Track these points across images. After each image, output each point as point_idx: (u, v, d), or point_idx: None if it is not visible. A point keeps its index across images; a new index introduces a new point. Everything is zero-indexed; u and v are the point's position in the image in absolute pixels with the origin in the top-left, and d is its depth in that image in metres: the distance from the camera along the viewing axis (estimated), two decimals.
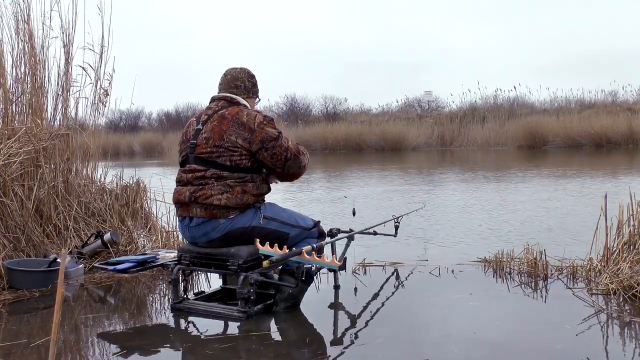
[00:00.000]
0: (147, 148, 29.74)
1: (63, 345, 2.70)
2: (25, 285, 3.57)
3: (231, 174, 3.00)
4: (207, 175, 3.00)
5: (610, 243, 3.57)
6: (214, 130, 3.02)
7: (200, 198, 3.00)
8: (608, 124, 21.24)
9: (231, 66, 3.28)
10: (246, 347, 2.64)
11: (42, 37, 4.52)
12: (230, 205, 2.98)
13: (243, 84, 3.21)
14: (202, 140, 3.04)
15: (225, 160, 2.99)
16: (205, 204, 2.99)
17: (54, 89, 4.62)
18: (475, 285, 3.55)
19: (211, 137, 3.02)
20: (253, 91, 3.26)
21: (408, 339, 2.70)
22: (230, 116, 3.03)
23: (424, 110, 30.94)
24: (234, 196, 2.98)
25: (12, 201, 3.92)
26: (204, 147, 3.03)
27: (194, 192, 3.01)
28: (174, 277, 3.13)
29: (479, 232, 5.39)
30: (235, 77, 3.20)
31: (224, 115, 3.04)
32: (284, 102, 32.22)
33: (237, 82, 3.20)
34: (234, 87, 3.19)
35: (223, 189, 2.98)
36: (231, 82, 3.19)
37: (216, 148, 3.00)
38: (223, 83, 3.22)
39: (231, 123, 3.00)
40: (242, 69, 3.26)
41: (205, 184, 3.00)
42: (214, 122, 3.05)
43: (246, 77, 3.23)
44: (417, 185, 10.17)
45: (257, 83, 3.29)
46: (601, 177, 10.08)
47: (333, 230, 3.62)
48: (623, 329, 2.80)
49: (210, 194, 2.98)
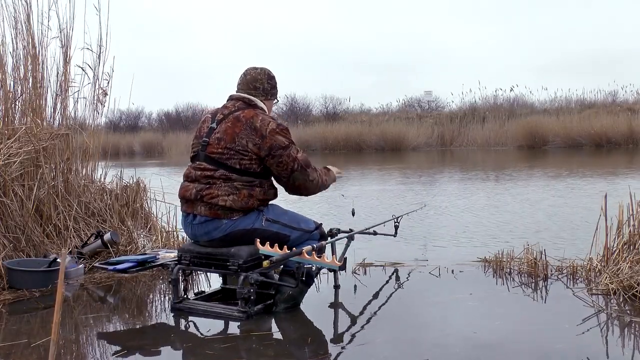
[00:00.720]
0: (147, 148, 29.72)
1: (63, 345, 2.70)
2: (25, 285, 3.57)
3: (240, 177, 2.99)
4: (216, 175, 3.00)
5: (610, 243, 3.57)
6: (227, 131, 3.01)
7: (206, 197, 2.99)
8: (608, 124, 21.23)
9: (252, 66, 3.24)
10: (246, 347, 2.64)
11: (40, 37, 4.52)
12: (235, 208, 2.98)
13: (262, 85, 3.17)
14: (215, 140, 3.03)
15: (235, 163, 2.98)
16: (211, 204, 2.99)
17: (53, 89, 4.62)
18: (475, 286, 3.55)
19: (223, 138, 3.01)
20: (272, 93, 3.23)
21: (408, 339, 2.70)
22: (245, 119, 3.00)
23: (424, 110, 30.92)
24: (240, 199, 2.98)
25: (12, 201, 3.92)
26: (216, 147, 3.02)
27: (201, 189, 3.01)
28: (174, 277, 3.13)
29: (479, 232, 5.39)
30: (255, 78, 3.17)
31: (239, 117, 3.02)
32: (284, 102, 32.13)
33: (256, 84, 3.16)
34: (253, 88, 3.16)
35: (230, 190, 2.97)
36: (250, 83, 3.16)
37: (227, 150, 2.99)
38: (242, 83, 3.18)
39: (244, 126, 2.98)
40: (262, 70, 3.22)
41: (213, 183, 3.00)
42: (228, 123, 3.03)
43: (265, 78, 3.19)
44: (417, 185, 10.17)
45: (276, 84, 3.26)
46: (601, 177, 10.08)
47: (333, 230, 3.61)
48: (623, 329, 2.80)
49: (216, 194, 2.97)
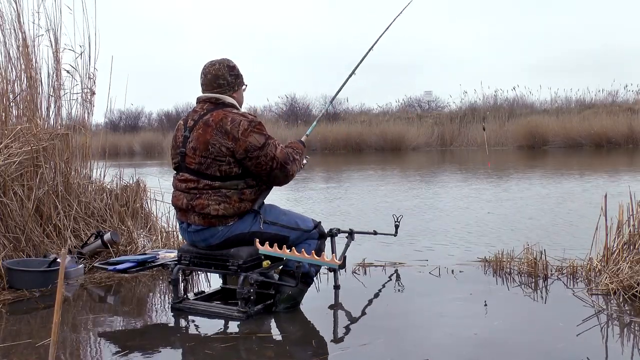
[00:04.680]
0: (147, 148, 29.69)
1: (63, 345, 2.70)
2: (25, 285, 3.56)
3: (223, 183, 2.93)
4: (200, 186, 2.95)
5: (610, 243, 3.57)
6: (199, 139, 2.93)
7: (197, 207, 2.95)
8: (608, 124, 21.23)
9: (209, 61, 3.08)
10: (246, 347, 2.64)
11: (32, 37, 4.51)
12: (228, 215, 2.95)
13: (225, 80, 3.04)
14: (190, 150, 2.96)
15: (215, 171, 2.92)
16: (203, 214, 2.95)
17: (46, 89, 4.62)
18: (475, 286, 3.55)
19: (197, 147, 2.92)
20: (237, 83, 3.09)
21: (408, 339, 2.70)
22: (214, 123, 2.91)
23: (424, 110, 30.92)
24: (231, 206, 2.94)
25: (12, 201, 3.92)
26: (193, 158, 2.95)
27: (191, 199, 2.97)
28: (174, 277, 3.13)
29: (479, 232, 5.39)
30: (216, 75, 3.03)
31: (208, 122, 2.93)
32: (284, 102, 32.16)
33: (219, 81, 3.03)
34: (217, 86, 3.03)
35: (220, 199, 2.92)
36: (213, 82, 3.03)
37: (204, 159, 2.92)
38: (205, 84, 3.05)
39: (215, 131, 2.89)
40: (221, 64, 3.06)
41: (200, 194, 2.95)
42: (199, 129, 2.94)
43: (227, 71, 3.04)
44: (417, 185, 10.16)
45: (238, 72, 3.10)
46: (601, 177, 10.07)
47: (333, 230, 3.60)
48: (623, 329, 2.80)
49: (207, 204, 2.93)
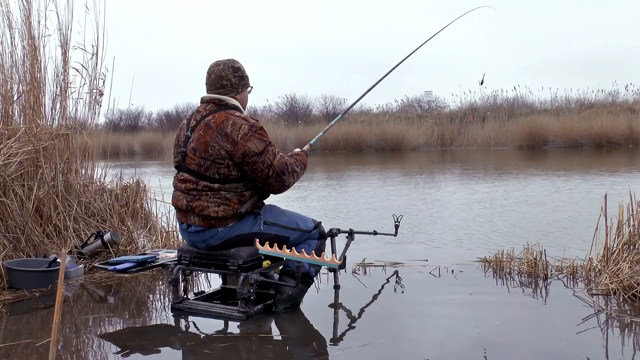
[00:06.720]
0: (147, 148, 29.71)
1: (63, 345, 2.70)
2: (25, 285, 3.57)
3: (222, 185, 2.92)
4: (199, 187, 2.94)
5: (610, 243, 3.57)
6: (199, 140, 2.92)
7: (196, 209, 2.95)
8: (608, 124, 21.21)
9: (214, 61, 3.06)
10: (246, 347, 2.64)
11: (38, 37, 4.52)
12: (228, 216, 2.94)
13: (229, 81, 3.01)
14: (191, 151, 2.95)
15: (213, 173, 2.91)
16: (202, 215, 2.95)
17: (52, 89, 4.62)
18: (475, 286, 3.55)
19: (198, 148, 2.92)
20: (242, 85, 3.06)
21: (408, 339, 2.70)
22: (215, 125, 2.90)
23: (424, 110, 30.90)
24: (231, 207, 2.93)
25: (12, 201, 3.92)
26: (193, 159, 2.94)
27: (190, 200, 2.96)
28: (174, 277, 3.13)
29: (479, 232, 5.39)
30: (220, 76, 3.00)
31: (209, 124, 2.91)
32: (284, 102, 32.18)
33: (223, 82, 3.00)
34: (221, 87, 3.01)
35: (219, 201, 2.92)
36: (217, 83, 3.01)
37: (203, 160, 2.91)
38: (209, 84, 3.03)
39: (215, 133, 2.88)
40: (226, 64, 3.03)
41: (199, 195, 2.94)
42: (200, 130, 2.93)
43: (231, 72, 3.02)
44: (417, 185, 10.16)
45: (244, 74, 3.08)
46: (601, 177, 10.07)
47: (333, 230, 3.60)
48: (623, 329, 2.80)
49: (206, 206, 2.92)
